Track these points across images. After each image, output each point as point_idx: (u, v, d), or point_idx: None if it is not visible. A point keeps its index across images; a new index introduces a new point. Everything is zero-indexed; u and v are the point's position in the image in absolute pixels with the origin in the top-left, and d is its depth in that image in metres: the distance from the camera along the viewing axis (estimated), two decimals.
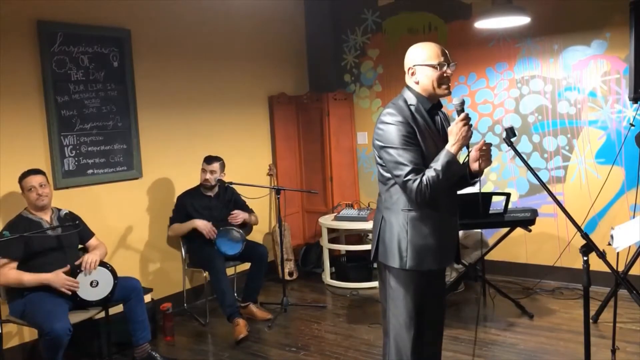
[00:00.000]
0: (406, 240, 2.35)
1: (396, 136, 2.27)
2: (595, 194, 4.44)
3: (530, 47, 4.72)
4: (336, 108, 5.54)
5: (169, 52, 4.58)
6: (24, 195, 3.36)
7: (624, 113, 4.36)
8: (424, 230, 2.35)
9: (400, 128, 2.27)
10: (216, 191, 4.42)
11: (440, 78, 2.32)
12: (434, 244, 2.36)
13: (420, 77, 2.35)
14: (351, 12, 5.72)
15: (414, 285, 2.39)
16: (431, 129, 2.36)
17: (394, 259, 2.38)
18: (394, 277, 2.41)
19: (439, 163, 2.24)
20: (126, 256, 4.28)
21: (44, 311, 3.10)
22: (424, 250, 2.35)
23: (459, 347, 3.60)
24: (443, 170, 2.23)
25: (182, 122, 4.70)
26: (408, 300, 2.39)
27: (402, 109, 2.33)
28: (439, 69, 2.32)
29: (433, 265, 2.38)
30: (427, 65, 2.33)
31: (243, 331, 3.92)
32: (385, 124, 2.31)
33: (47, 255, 3.31)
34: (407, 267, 2.36)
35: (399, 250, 2.36)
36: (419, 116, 2.33)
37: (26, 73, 3.72)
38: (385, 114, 2.33)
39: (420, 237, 2.34)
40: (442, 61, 2.32)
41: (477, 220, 3.95)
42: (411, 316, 2.40)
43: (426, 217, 2.34)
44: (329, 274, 5.18)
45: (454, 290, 4.55)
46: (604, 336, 3.62)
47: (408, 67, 2.40)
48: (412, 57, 2.40)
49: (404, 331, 2.41)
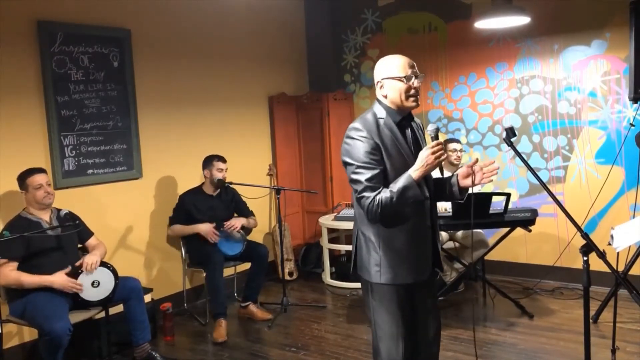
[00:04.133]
0: (378, 255, 2.33)
1: (358, 152, 2.25)
2: (595, 194, 4.44)
3: (530, 47, 4.72)
4: (336, 108, 5.54)
5: (169, 52, 4.58)
6: (28, 193, 3.33)
7: (624, 113, 4.36)
8: (396, 243, 2.31)
9: (364, 143, 2.25)
10: (218, 191, 4.42)
11: (407, 90, 2.29)
12: (406, 257, 2.32)
13: (389, 91, 2.32)
14: (351, 12, 5.72)
15: (396, 298, 2.35)
16: (399, 142, 2.31)
17: (369, 273, 2.36)
18: (374, 291, 2.39)
19: (396, 186, 2.21)
20: (126, 256, 4.28)
21: (44, 311, 3.10)
22: (396, 264, 2.31)
23: (459, 347, 3.60)
24: (398, 194, 2.19)
25: (182, 122, 4.70)
26: (391, 313, 2.35)
27: (369, 122, 2.31)
28: (406, 81, 2.28)
29: (408, 279, 2.33)
30: (394, 78, 2.30)
31: (223, 335, 3.95)
32: (349, 139, 2.29)
33: (46, 255, 3.31)
34: (382, 281, 2.33)
35: (374, 264, 2.34)
36: (387, 129, 2.30)
37: (26, 73, 3.72)
38: (351, 129, 2.30)
39: (393, 251, 2.31)
40: (409, 74, 2.28)
41: (477, 220, 3.95)
42: (397, 328, 2.35)
43: (397, 231, 2.31)
44: (329, 274, 5.18)
45: (454, 290, 4.55)
46: (604, 336, 3.62)
47: (377, 81, 2.37)
48: (379, 70, 2.36)
49: (393, 345, 2.36)
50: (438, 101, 5.24)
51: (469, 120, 5.09)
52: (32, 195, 3.33)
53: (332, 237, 5.33)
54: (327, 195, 5.58)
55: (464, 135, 5.11)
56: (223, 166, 4.35)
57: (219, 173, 4.33)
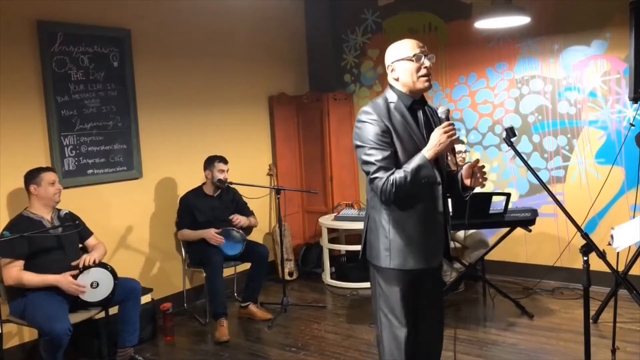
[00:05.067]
0: (388, 239, 2.33)
1: (368, 134, 2.28)
2: (595, 194, 4.44)
3: (530, 47, 4.72)
4: (336, 108, 5.54)
5: (169, 52, 4.58)
6: (40, 188, 3.31)
7: (624, 113, 4.36)
8: (406, 228, 2.32)
9: (374, 126, 2.27)
10: (219, 191, 4.42)
11: (418, 70, 2.30)
12: (417, 242, 2.32)
13: (400, 73, 2.34)
14: (351, 12, 5.72)
15: (402, 284, 2.36)
16: (411, 126, 2.32)
17: (378, 257, 2.37)
18: (382, 276, 2.39)
19: (410, 165, 2.23)
20: (126, 256, 4.28)
21: (44, 311, 3.10)
22: (406, 249, 2.32)
23: (459, 347, 3.60)
24: (412, 172, 2.21)
25: (182, 122, 4.70)
26: (398, 299, 2.36)
27: (379, 106, 2.33)
28: (416, 60, 2.30)
29: (417, 265, 2.34)
30: (404, 59, 2.32)
31: (225, 334, 3.95)
32: (360, 122, 2.32)
33: (48, 254, 3.30)
34: (391, 266, 2.34)
35: (383, 249, 2.35)
36: (397, 113, 2.32)
37: (26, 73, 3.72)
38: (361, 113, 2.34)
39: (403, 236, 2.32)
40: (418, 52, 2.30)
41: (478, 220, 3.95)
42: (402, 315, 2.36)
43: (407, 216, 2.32)
44: (329, 274, 5.18)
45: (454, 290, 4.55)
46: (604, 336, 3.62)
47: (387, 65, 2.40)
48: (389, 54, 2.39)
49: (396, 330, 2.38)
50: (438, 101, 5.24)
51: (469, 120, 5.09)
52: (44, 190, 3.32)
53: (332, 237, 5.33)
54: (327, 195, 5.57)
55: (464, 135, 5.11)
56: (224, 167, 4.36)
57: (220, 174, 4.32)
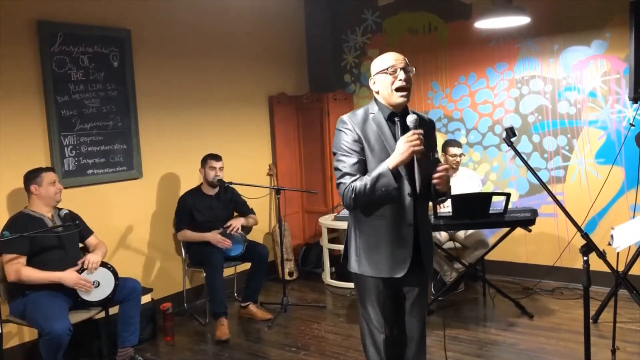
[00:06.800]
0: (357, 246, 2.39)
1: (340, 142, 2.34)
2: (595, 194, 4.44)
3: (530, 47, 4.72)
4: (336, 108, 5.53)
5: (169, 52, 4.58)
6: (41, 187, 3.31)
7: (624, 113, 4.36)
8: (372, 237, 2.35)
9: (346, 134, 2.32)
10: (217, 191, 4.42)
11: (392, 83, 2.29)
12: (382, 252, 2.33)
13: (379, 86, 2.36)
14: (351, 12, 5.72)
15: (376, 290, 2.38)
16: (385, 137, 2.31)
17: (350, 263, 2.44)
18: (356, 282, 2.47)
19: (372, 174, 2.24)
20: (126, 256, 4.28)
21: (44, 311, 3.10)
22: (372, 257, 2.35)
23: (459, 347, 3.60)
24: (372, 181, 2.21)
25: (182, 122, 4.70)
26: (372, 304, 2.41)
27: (356, 116, 2.36)
28: (391, 73, 2.29)
29: (380, 274, 2.35)
30: (382, 72, 2.32)
31: (226, 333, 3.95)
32: (336, 130, 2.39)
33: (49, 253, 3.30)
34: (359, 272, 2.39)
35: (354, 254, 2.41)
36: (374, 124, 2.33)
37: (26, 73, 3.72)
38: (339, 122, 2.39)
39: (369, 244, 2.36)
40: (393, 65, 2.29)
41: (477, 220, 3.95)
42: (378, 320, 2.40)
43: (375, 225, 2.34)
44: (329, 274, 5.18)
45: (454, 290, 4.55)
46: (604, 336, 3.62)
47: (370, 78, 2.41)
48: (372, 67, 2.40)
49: (374, 335, 2.42)
50: (438, 101, 5.24)
51: (469, 120, 5.09)
52: (45, 190, 3.33)
53: (332, 237, 5.32)
54: (327, 195, 5.57)
55: (464, 135, 5.11)
56: (216, 164, 4.33)
57: (212, 171, 4.31)
